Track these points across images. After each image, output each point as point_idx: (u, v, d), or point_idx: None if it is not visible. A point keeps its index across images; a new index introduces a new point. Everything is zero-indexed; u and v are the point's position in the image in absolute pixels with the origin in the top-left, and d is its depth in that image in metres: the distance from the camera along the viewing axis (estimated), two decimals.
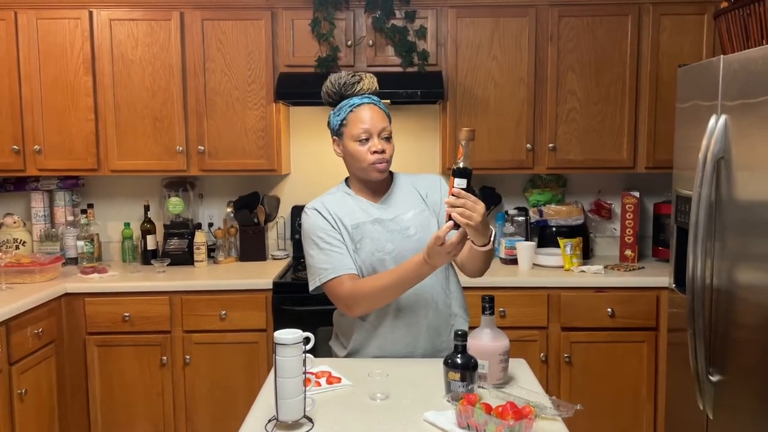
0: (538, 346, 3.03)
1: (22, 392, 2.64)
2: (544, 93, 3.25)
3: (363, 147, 1.91)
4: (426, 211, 2.00)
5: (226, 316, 3.03)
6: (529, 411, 1.42)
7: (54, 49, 3.21)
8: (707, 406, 2.32)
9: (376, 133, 1.90)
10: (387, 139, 1.92)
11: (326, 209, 1.98)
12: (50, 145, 3.26)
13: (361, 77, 1.96)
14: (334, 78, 1.95)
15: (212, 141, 3.28)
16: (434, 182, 2.07)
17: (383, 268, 1.93)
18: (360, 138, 1.90)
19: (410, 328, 1.96)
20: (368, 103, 1.93)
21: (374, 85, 1.98)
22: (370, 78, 1.97)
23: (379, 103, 1.96)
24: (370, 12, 3.22)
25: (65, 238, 3.47)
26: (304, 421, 1.54)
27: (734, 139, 2.16)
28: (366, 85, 1.95)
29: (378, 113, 1.92)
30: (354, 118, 1.92)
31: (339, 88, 1.94)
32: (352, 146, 1.92)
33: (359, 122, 1.90)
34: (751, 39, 2.26)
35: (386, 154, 1.92)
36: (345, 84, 1.94)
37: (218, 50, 3.24)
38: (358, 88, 1.94)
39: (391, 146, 1.94)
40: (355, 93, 1.94)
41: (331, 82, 1.95)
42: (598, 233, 3.61)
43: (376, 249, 1.94)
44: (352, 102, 1.93)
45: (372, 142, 1.90)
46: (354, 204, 1.99)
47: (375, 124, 1.90)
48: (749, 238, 2.08)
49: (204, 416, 3.08)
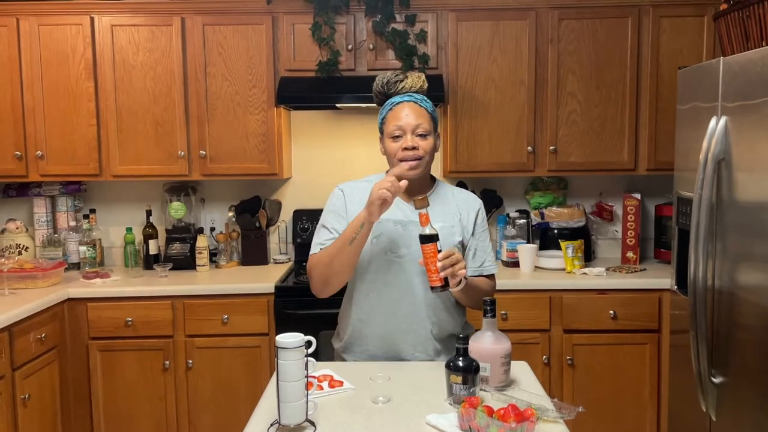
0: (540, 349, 3.03)
1: (25, 397, 2.64)
2: (545, 95, 3.25)
3: (396, 143, 1.93)
4: (454, 227, 2.00)
5: (228, 321, 3.03)
6: (531, 413, 1.42)
7: (56, 54, 3.23)
8: (710, 407, 2.31)
9: (410, 130, 1.91)
10: (422, 136, 1.92)
11: (353, 196, 2.00)
12: (52, 150, 3.27)
13: (406, 76, 1.98)
14: (380, 77, 2.00)
15: (214, 145, 3.29)
16: (474, 206, 2.07)
17: (393, 268, 1.95)
18: (393, 135, 1.93)
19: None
20: (408, 102, 1.94)
21: (419, 84, 1.99)
22: (414, 77, 1.99)
23: (421, 101, 1.96)
24: (370, 16, 3.23)
25: (68, 244, 3.48)
26: (307, 425, 1.54)
27: (735, 141, 2.16)
28: (409, 83, 1.97)
29: (416, 111, 1.93)
30: (391, 116, 1.95)
31: (383, 87, 1.99)
32: (387, 143, 1.96)
33: (394, 120, 1.94)
34: (750, 40, 2.26)
35: (418, 152, 1.92)
36: (388, 83, 1.98)
37: (219, 55, 3.25)
38: (400, 86, 1.97)
39: (427, 143, 1.93)
40: (398, 92, 1.97)
41: (377, 81, 2.00)
42: (599, 235, 3.61)
43: (390, 249, 1.96)
44: (392, 101, 1.97)
45: (404, 139, 1.92)
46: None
47: (408, 121, 1.92)
48: (750, 239, 2.08)
49: (206, 420, 3.08)
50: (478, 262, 2.05)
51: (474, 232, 2.04)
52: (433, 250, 1.75)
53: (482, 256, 2.05)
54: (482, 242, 2.06)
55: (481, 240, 2.06)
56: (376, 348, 2.01)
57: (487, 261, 2.06)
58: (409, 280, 1.95)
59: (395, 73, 2.00)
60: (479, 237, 2.05)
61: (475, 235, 2.05)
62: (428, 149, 1.94)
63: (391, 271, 1.96)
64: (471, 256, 2.04)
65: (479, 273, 2.04)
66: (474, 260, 2.04)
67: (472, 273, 2.01)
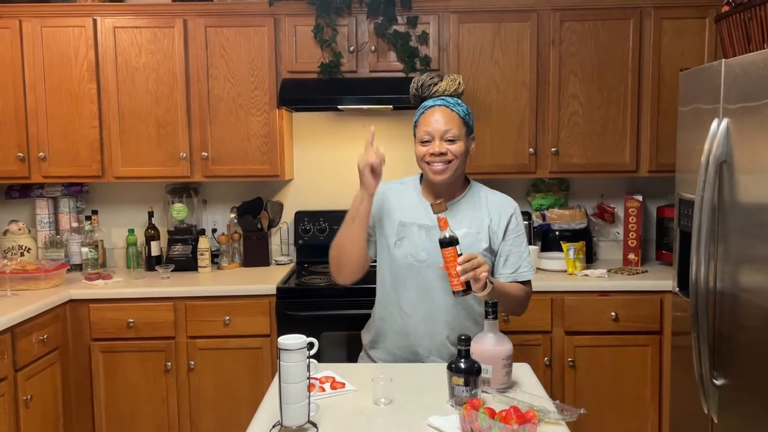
0: (541, 351, 3.03)
1: (27, 398, 2.65)
2: (546, 97, 3.26)
3: (424, 148, 1.94)
4: (481, 233, 1.98)
5: (230, 322, 3.04)
6: (533, 415, 1.42)
7: (58, 56, 3.23)
8: (712, 409, 2.31)
9: (438, 135, 1.92)
10: (451, 141, 1.92)
11: (382, 196, 2.03)
12: (55, 152, 3.28)
13: (441, 79, 1.98)
14: (416, 79, 2.00)
15: (216, 147, 3.30)
16: (507, 210, 2.04)
17: (413, 272, 1.97)
18: (422, 140, 1.94)
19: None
20: (439, 105, 1.94)
21: (453, 87, 1.97)
22: (449, 80, 1.98)
23: (453, 106, 1.95)
24: (372, 18, 3.23)
25: (70, 245, 3.48)
26: (309, 426, 1.54)
27: (736, 143, 2.16)
28: (442, 87, 1.96)
29: (446, 116, 1.92)
30: (422, 120, 1.96)
31: (417, 90, 1.99)
32: (417, 146, 1.97)
33: (424, 124, 1.94)
34: (752, 42, 2.26)
35: (446, 156, 1.92)
36: (422, 86, 1.98)
37: (221, 57, 3.26)
38: (433, 90, 1.97)
39: (457, 147, 1.92)
40: (431, 95, 1.97)
41: (412, 83, 2.00)
42: (601, 237, 3.61)
43: (410, 253, 1.97)
44: (425, 104, 1.97)
45: (432, 145, 1.92)
46: (415, 200, 2.03)
47: (438, 126, 1.92)
48: (752, 241, 2.08)
49: (208, 422, 3.08)
50: (512, 268, 2.01)
51: (505, 237, 2.01)
52: (453, 254, 1.73)
53: (516, 262, 2.01)
54: (516, 247, 2.02)
55: (515, 245, 2.02)
56: (396, 347, 2.04)
57: (522, 267, 2.02)
58: (428, 284, 1.96)
59: (430, 75, 1.99)
60: (512, 242, 2.02)
61: (507, 240, 2.01)
62: (458, 153, 1.93)
63: (411, 275, 1.98)
64: (503, 262, 2.01)
65: (513, 279, 2.01)
66: (506, 266, 2.01)
67: (505, 279, 2.00)
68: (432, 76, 1.99)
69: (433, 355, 2.01)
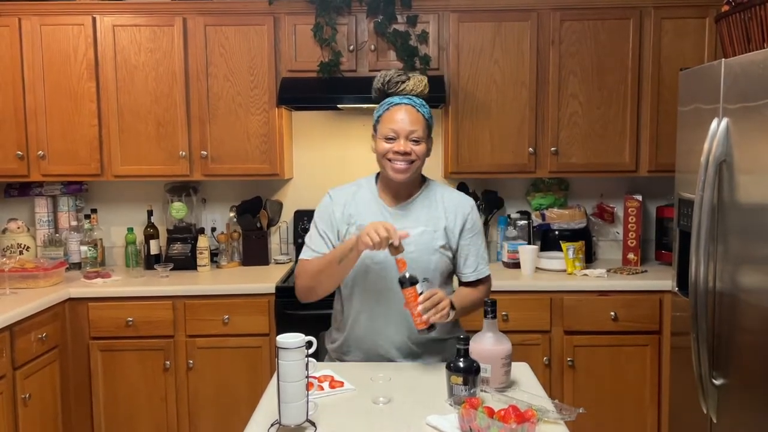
0: (540, 350, 3.03)
1: (26, 397, 2.65)
2: (546, 97, 3.25)
3: (388, 144, 1.92)
4: (437, 231, 1.98)
5: (229, 321, 3.03)
6: (532, 415, 1.42)
7: (58, 55, 3.23)
8: (711, 409, 2.31)
9: (404, 135, 1.90)
10: (416, 142, 1.91)
11: (342, 204, 2.01)
12: (54, 150, 3.27)
13: (408, 77, 1.96)
14: (382, 74, 1.97)
15: (215, 146, 3.29)
16: (464, 209, 2.04)
17: (371, 275, 1.95)
18: (387, 136, 1.92)
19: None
20: (406, 104, 1.92)
21: (420, 87, 1.96)
22: (416, 79, 1.96)
23: (420, 107, 1.94)
24: (371, 17, 3.23)
25: (69, 243, 3.48)
26: (307, 425, 1.54)
27: (736, 143, 2.16)
28: (410, 86, 1.94)
29: (413, 116, 1.91)
30: (387, 116, 1.93)
31: (383, 85, 1.96)
32: (379, 143, 1.95)
33: (389, 121, 1.92)
34: (752, 42, 2.26)
35: (410, 156, 1.91)
36: (389, 81, 1.95)
37: (221, 56, 3.25)
38: (401, 87, 1.94)
39: (420, 149, 1.92)
40: (398, 92, 1.94)
41: (378, 77, 1.97)
42: (600, 237, 3.61)
43: (368, 255, 1.93)
44: (390, 100, 1.95)
45: (397, 143, 1.91)
46: (371, 203, 2.01)
47: (404, 126, 1.90)
48: (752, 241, 2.08)
49: (207, 420, 3.08)
50: (472, 267, 2.04)
51: (462, 236, 2.02)
52: (413, 293, 1.76)
53: (476, 260, 2.04)
54: (475, 246, 2.04)
55: (473, 244, 2.04)
56: (361, 350, 2.02)
57: (480, 264, 2.05)
58: (387, 286, 1.95)
59: (398, 72, 1.97)
60: (471, 241, 2.03)
61: (464, 238, 2.02)
62: (421, 154, 1.94)
63: (369, 278, 1.97)
64: (463, 261, 2.04)
65: (475, 277, 2.04)
66: (467, 265, 2.04)
67: (466, 279, 2.04)
68: (400, 73, 1.97)
69: (397, 356, 2.01)
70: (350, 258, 1.84)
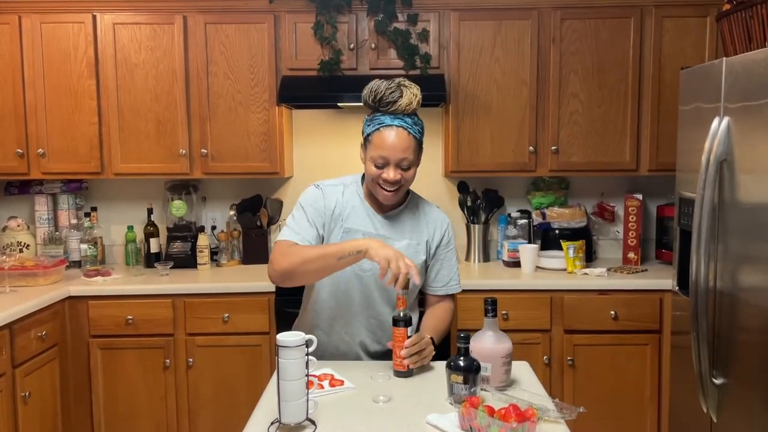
0: (540, 349, 3.03)
1: (25, 395, 2.64)
2: (547, 95, 3.25)
3: (377, 170, 1.86)
4: (420, 245, 1.99)
5: (229, 319, 3.03)
6: (532, 414, 1.42)
7: (58, 52, 3.22)
8: (711, 409, 2.31)
9: (394, 162, 1.84)
10: (406, 169, 1.86)
11: (333, 199, 1.97)
12: (54, 148, 3.27)
13: (401, 94, 1.83)
14: (374, 86, 1.85)
15: (215, 144, 3.29)
16: (441, 225, 2.04)
17: (357, 281, 1.95)
18: (376, 163, 1.85)
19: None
20: (398, 127, 1.83)
21: (413, 104, 1.84)
22: (409, 95, 1.84)
23: (412, 127, 1.85)
24: (372, 15, 3.22)
25: (69, 242, 3.47)
26: (307, 424, 1.54)
27: (737, 142, 2.16)
28: (404, 104, 1.83)
29: (404, 141, 1.83)
30: (377, 139, 1.84)
31: (375, 102, 1.85)
32: (368, 165, 1.88)
33: (379, 147, 1.83)
34: (753, 41, 2.26)
35: (398, 184, 1.87)
36: (381, 99, 1.84)
37: (221, 54, 3.25)
38: (392, 108, 1.83)
39: (410, 173, 1.88)
40: (389, 112, 1.84)
41: (370, 90, 1.86)
42: (601, 236, 3.61)
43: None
44: (382, 120, 1.85)
45: (386, 171, 1.85)
46: (357, 208, 1.98)
47: (395, 153, 1.82)
48: (752, 240, 2.08)
49: (207, 419, 3.08)
50: (442, 282, 2.06)
51: (438, 252, 2.03)
52: (403, 335, 1.77)
53: (447, 275, 2.06)
54: (448, 261, 2.06)
55: (447, 259, 2.06)
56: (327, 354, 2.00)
57: (452, 280, 2.07)
58: (370, 293, 1.96)
59: (389, 87, 1.83)
60: (444, 256, 2.05)
61: (439, 254, 2.04)
62: (410, 178, 1.89)
63: (353, 284, 1.96)
64: (434, 275, 2.05)
65: (444, 292, 2.06)
66: (437, 279, 2.05)
67: (433, 292, 2.06)
68: (391, 87, 1.83)
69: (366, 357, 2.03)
70: (350, 260, 1.78)
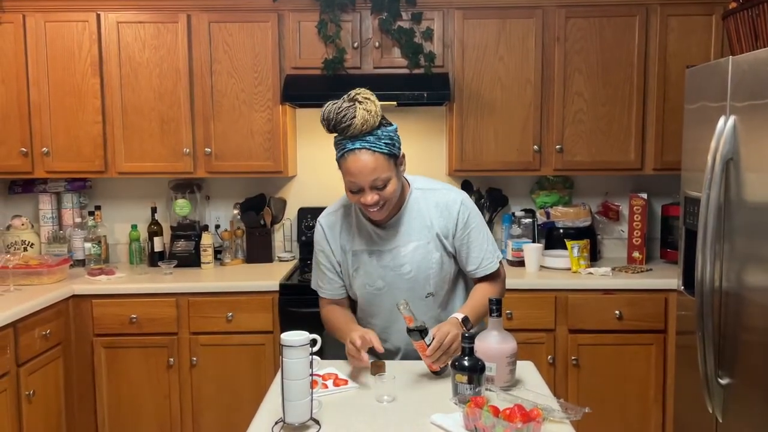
0: (545, 349, 3.02)
1: (29, 394, 2.65)
2: (551, 94, 3.24)
3: (355, 196, 1.82)
4: (430, 243, 1.92)
5: (233, 318, 3.03)
6: (537, 414, 1.41)
7: (62, 51, 3.23)
8: (716, 409, 2.30)
9: (367, 185, 1.77)
10: (382, 187, 1.78)
11: (333, 231, 1.98)
12: (58, 147, 3.27)
13: (354, 114, 1.72)
14: (326, 112, 1.76)
15: (219, 143, 3.29)
16: (452, 210, 1.93)
17: (375, 301, 1.97)
18: (351, 189, 1.81)
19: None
20: (359, 149, 1.74)
21: (369, 121, 1.73)
22: (363, 113, 1.72)
23: (375, 144, 1.75)
24: (376, 14, 3.22)
25: (73, 240, 3.48)
26: (311, 423, 1.53)
27: (743, 141, 2.15)
28: (357, 126, 1.72)
29: (369, 163, 1.74)
30: (344, 167, 1.78)
31: (331, 129, 1.77)
32: (347, 192, 1.85)
33: (348, 173, 1.77)
34: (760, 39, 2.25)
35: (379, 204, 1.80)
36: (336, 126, 1.75)
37: (225, 52, 3.25)
38: (348, 133, 1.74)
39: (388, 190, 1.79)
40: (347, 136, 1.76)
41: (323, 117, 1.77)
42: (605, 235, 3.59)
43: (368, 283, 1.95)
44: (344, 145, 1.77)
45: (362, 195, 1.79)
46: (358, 227, 1.96)
47: (363, 177, 1.75)
48: (759, 240, 2.07)
49: (210, 418, 3.08)
50: (475, 264, 1.95)
51: (457, 235, 1.93)
52: (422, 346, 1.76)
53: (479, 255, 1.95)
54: (474, 241, 1.94)
55: (471, 240, 1.94)
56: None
57: (485, 259, 1.96)
58: (391, 310, 1.92)
59: (338, 110, 1.73)
60: (467, 238, 1.93)
61: (460, 238, 1.93)
62: (390, 195, 1.80)
63: (374, 304, 1.98)
64: (464, 259, 1.96)
65: (482, 273, 1.97)
66: (469, 262, 1.96)
67: (474, 276, 2.00)
68: (341, 110, 1.73)
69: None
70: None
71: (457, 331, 1.76)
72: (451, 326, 1.78)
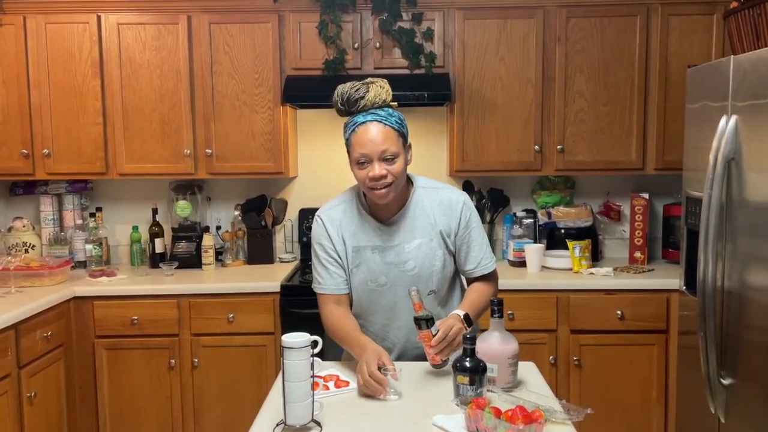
0: (547, 349, 3.01)
1: (31, 395, 2.65)
2: (552, 94, 3.24)
3: (363, 171, 1.81)
4: (434, 240, 1.92)
5: (234, 319, 3.03)
6: (539, 415, 1.41)
7: (62, 53, 3.23)
8: (719, 409, 2.30)
9: (376, 156, 1.78)
10: (390, 160, 1.79)
11: (333, 225, 1.96)
12: (59, 149, 3.27)
13: (367, 89, 1.80)
14: (339, 91, 1.83)
15: (220, 144, 3.29)
16: (455, 208, 1.94)
17: (376, 297, 1.95)
18: (359, 161, 1.81)
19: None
20: (371, 121, 1.79)
21: (381, 96, 1.81)
22: (376, 88, 1.81)
23: (386, 119, 1.80)
24: (376, 14, 3.21)
25: (74, 242, 3.48)
26: (312, 425, 1.53)
27: (745, 140, 2.14)
28: (370, 99, 1.79)
29: (381, 133, 1.78)
30: (354, 140, 1.80)
31: (344, 104, 1.82)
32: (355, 169, 1.84)
33: (358, 145, 1.79)
34: (761, 39, 2.24)
35: (386, 179, 1.80)
36: (348, 100, 1.81)
37: (225, 53, 3.24)
38: (361, 104, 1.79)
39: (396, 167, 1.80)
40: (359, 109, 1.80)
41: (337, 93, 1.83)
42: (607, 235, 3.59)
43: (370, 279, 1.93)
44: (354, 120, 1.81)
45: (370, 168, 1.79)
46: (361, 223, 1.95)
47: (374, 147, 1.77)
48: (761, 239, 2.06)
49: (212, 419, 3.08)
50: (473, 263, 1.97)
51: (458, 234, 1.94)
52: (427, 335, 1.75)
53: (477, 255, 1.96)
54: (474, 241, 1.96)
55: (471, 240, 1.95)
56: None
57: (484, 259, 1.98)
58: (391, 306, 1.94)
59: (353, 85, 1.81)
60: (468, 238, 1.95)
61: (461, 237, 1.95)
62: (398, 173, 1.80)
63: (374, 300, 1.96)
64: (463, 258, 1.97)
65: (480, 273, 1.99)
66: (468, 262, 1.97)
67: (471, 276, 2.01)
68: (356, 86, 1.81)
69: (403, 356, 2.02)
70: (354, 354, 1.85)
71: (461, 326, 1.77)
72: (455, 320, 1.79)
